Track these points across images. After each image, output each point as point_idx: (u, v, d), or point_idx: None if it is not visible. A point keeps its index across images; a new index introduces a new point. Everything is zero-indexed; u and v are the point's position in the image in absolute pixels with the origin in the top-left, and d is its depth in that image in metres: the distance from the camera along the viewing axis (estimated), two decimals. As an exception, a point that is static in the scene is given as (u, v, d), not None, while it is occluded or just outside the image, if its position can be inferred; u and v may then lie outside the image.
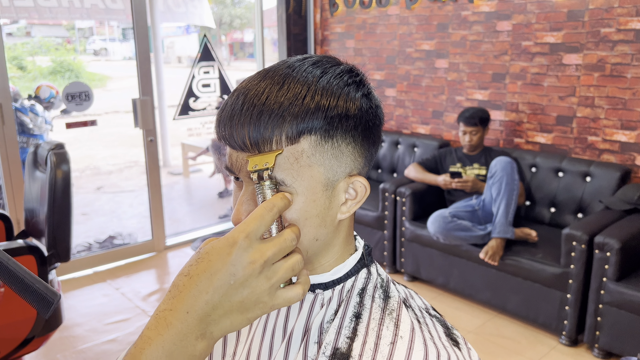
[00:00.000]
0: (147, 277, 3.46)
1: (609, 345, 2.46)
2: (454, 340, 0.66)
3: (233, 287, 0.49)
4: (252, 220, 0.51)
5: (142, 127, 3.60)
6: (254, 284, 0.50)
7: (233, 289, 0.49)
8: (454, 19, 3.57)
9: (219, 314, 0.50)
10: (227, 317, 0.50)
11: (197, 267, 0.50)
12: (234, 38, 16.07)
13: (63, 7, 4.23)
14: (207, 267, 0.49)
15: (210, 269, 0.49)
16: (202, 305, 0.49)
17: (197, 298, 0.49)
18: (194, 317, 0.49)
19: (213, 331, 0.50)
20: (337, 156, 0.62)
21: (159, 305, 0.51)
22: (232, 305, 0.50)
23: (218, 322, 0.50)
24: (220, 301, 0.49)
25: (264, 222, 0.52)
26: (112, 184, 6.10)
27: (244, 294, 0.50)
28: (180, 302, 0.49)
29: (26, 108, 4.53)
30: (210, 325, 0.50)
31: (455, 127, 3.67)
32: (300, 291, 0.53)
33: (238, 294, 0.50)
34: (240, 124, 0.59)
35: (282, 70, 0.62)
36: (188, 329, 0.48)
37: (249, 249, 0.50)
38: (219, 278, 0.49)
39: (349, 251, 0.71)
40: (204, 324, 0.49)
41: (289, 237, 0.53)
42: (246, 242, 0.50)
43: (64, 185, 2.10)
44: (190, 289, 0.49)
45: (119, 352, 2.57)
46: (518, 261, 2.74)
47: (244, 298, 0.50)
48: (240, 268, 0.49)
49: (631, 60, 2.84)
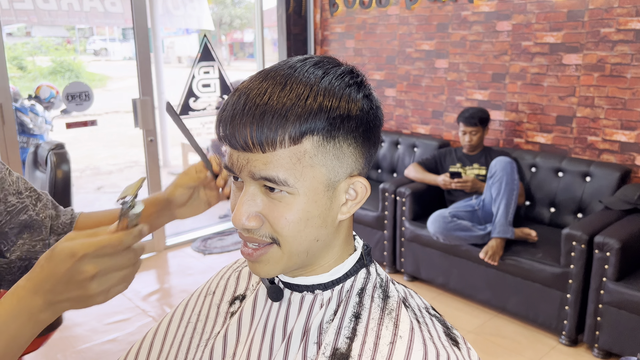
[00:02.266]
0: (147, 277, 3.46)
1: (609, 345, 2.46)
2: (453, 339, 0.66)
3: (69, 284, 0.61)
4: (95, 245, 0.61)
5: (142, 127, 3.60)
6: (86, 287, 0.61)
7: (69, 286, 0.61)
8: (454, 19, 3.57)
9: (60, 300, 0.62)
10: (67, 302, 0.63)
11: (47, 264, 0.62)
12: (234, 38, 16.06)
13: (62, 10, 4.23)
14: (52, 267, 0.61)
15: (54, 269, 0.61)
16: (46, 292, 0.62)
17: (42, 285, 0.62)
18: (40, 297, 0.62)
19: (55, 309, 0.63)
20: (339, 157, 0.62)
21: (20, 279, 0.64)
22: (70, 297, 0.62)
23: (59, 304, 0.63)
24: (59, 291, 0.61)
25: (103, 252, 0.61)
26: (112, 184, 6.10)
27: (78, 293, 0.62)
28: (32, 284, 0.62)
29: (26, 108, 4.54)
30: (52, 305, 0.62)
31: (455, 127, 3.67)
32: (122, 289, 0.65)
33: (73, 291, 0.62)
34: (242, 124, 0.59)
35: (284, 70, 0.62)
36: (34, 305, 0.62)
37: (83, 263, 0.60)
38: (59, 278, 0.61)
39: (348, 251, 0.71)
40: (47, 304, 0.62)
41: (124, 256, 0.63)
42: (83, 258, 0.60)
43: (64, 185, 2.10)
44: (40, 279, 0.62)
45: (119, 352, 2.57)
46: (518, 261, 2.74)
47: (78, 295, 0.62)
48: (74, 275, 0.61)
49: (631, 60, 2.84)
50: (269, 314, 0.72)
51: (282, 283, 0.72)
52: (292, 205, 0.62)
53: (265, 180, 0.61)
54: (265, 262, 0.65)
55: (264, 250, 0.65)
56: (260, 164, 0.60)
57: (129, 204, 0.64)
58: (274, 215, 0.62)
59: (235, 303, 0.78)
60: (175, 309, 0.83)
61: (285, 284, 0.71)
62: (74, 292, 0.62)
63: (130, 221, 0.64)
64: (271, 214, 0.63)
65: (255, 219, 0.63)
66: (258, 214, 0.63)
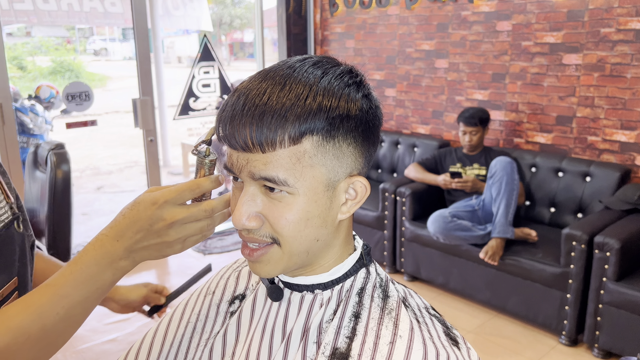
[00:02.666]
0: (147, 277, 3.46)
1: (609, 345, 2.46)
2: (453, 339, 0.66)
3: (149, 233, 0.65)
4: (175, 191, 0.65)
5: (142, 127, 3.60)
6: (164, 235, 0.65)
7: (149, 235, 0.65)
8: (454, 19, 3.57)
9: (139, 247, 0.65)
10: (145, 251, 0.66)
11: (130, 212, 0.65)
12: (234, 38, 16.07)
13: (62, 10, 4.23)
14: (134, 215, 0.65)
15: (135, 217, 0.65)
16: (127, 239, 0.65)
17: (124, 233, 0.65)
18: (122, 244, 0.65)
19: (135, 257, 0.66)
20: (339, 156, 0.62)
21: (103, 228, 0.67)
22: (149, 245, 0.65)
23: (138, 252, 0.66)
24: (140, 240, 0.65)
25: (183, 197, 0.65)
26: (112, 184, 6.10)
27: (157, 240, 0.65)
28: (114, 231, 0.65)
29: (26, 108, 4.54)
30: (132, 253, 0.65)
31: (455, 127, 3.67)
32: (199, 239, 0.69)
33: (152, 239, 0.65)
34: (242, 124, 0.59)
35: (283, 70, 0.62)
36: (115, 252, 0.65)
37: (164, 210, 0.64)
38: (141, 225, 0.64)
39: (348, 251, 0.71)
40: (127, 252, 0.65)
41: (201, 209, 0.66)
42: (164, 205, 0.64)
43: (64, 185, 2.10)
44: (122, 226, 0.65)
45: (119, 352, 2.57)
46: (518, 261, 2.74)
47: (157, 243, 0.65)
48: (155, 222, 0.64)
49: (631, 60, 2.84)
50: (268, 313, 0.72)
51: (282, 283, 0.72)
52: (292, 205, 0.62)
53: (265, 180, 0.61)
54: (266, 262, 0.65)
55: (264, 250, 0.65)
56: (260, 164, 0.60)
57: (204, 153, 0.68)
58: (274, 215, 0.62)
59: (235, 303, 0.78)
60: (175, 309, 0.83)
61: (285, 283, 0.71)
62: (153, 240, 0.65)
63: (206, 169, 0.68)
64: (271, 214, 0.63)
65: (256, 219, 0.63)
66: (258, 214, 0.63)
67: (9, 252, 0.81)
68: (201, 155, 0.68)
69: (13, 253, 0.82)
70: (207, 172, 0.68)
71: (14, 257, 0.83)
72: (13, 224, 0.83)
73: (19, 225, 0.85)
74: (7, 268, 0.81)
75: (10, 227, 0.82)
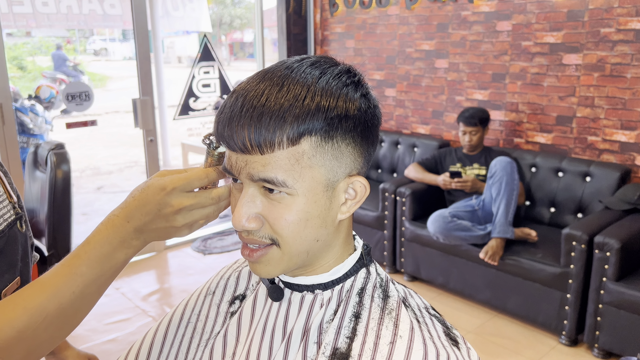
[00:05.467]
0: (147, 277, 3.46)
1: (609, 345, 2.46)
2: (453, 339, 0.66)
3: (157, 217, 0.66)
4: (184, 179, 0.67)
5: (142, 127, 3.60)
6: (171, 220, 0.67)
7: (157, 218, 0.66)
8: (454, 19, 3.57)
9: (148, 229, 0.67)
10: (154, 232, 0.68)
11: (139, 195, 0.67)
12: (234, 38, 16.06)
13: (61, 13, 4.23)
14: (144, 198, 0.66)
15: (144, 200, 0.66)
16: (137, 220, 0.66)
17: (134, 214, 0.66)
18: (132, 225, 0.66)
19: (145, 238, 0.68)
20: (337, 157, 0.62)
21: (113, 209, 0.68)
22: (158, 227, 0.67)
23: (147, 233, 0.67)
24: (148, 222, 0.67)
25: (191, 185, 0.67)
26: (112, 184, 6.10)
27: (165, 224, 0.67)
28: (125, 213, 0.67)
29: (26, 108, 4.54)
30: (142, 233, 0.67)
31: (455, 127, 3.67)
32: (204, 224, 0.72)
33: (161, 223, 0.67)
34: (240, 125, 0.59)
35: (281, 71, 0.61)
36: (126, 232, 0.67)
37: (172, 197, 0.66)
38: (150, 209, 0.66)
39: (348, 251, 0.71)
40: (137, 232, 0.67)
41: (208, 196, 0.68)
42: (172, 192, 0.66)
43: (64, 185, 2.10)
44: (132, 208, 0.67)
45: (119, 352, 2.57)
46: (518, 261, 2.74)
47: (165, 227, 0.67)
48: (163, 207, 0.66)
49: (631, 60, 2.84)
50: (268, 313, 0.72)
51: (282, 283, 0.72)
52: (291, 206, 0.62)
53: (264, 181, 0.61)
54: (266, 263, 0.65)
55: (264, 251, 0.65)
56: (259, 166, 0.60)
57: (214, 145, 0.69)
58: (274, 216, 0.62)
59: (235, 303, 0.78)
60: (175, 309, 0.83)
61: (286, 283, 0.71)
62: (161, 224, 0.67)
63: (215, 159, 0.70)
64: (271, 215, 0.62)
65: (255, 220, 0.63)
66: (258, 215, 0.63)
67: (12, 252, 0.81)
68: (212, 147, 0.69)
69: (16, 253, 0.82)
70: (215, 162, 0.70)
71: (17, 256, 0.83)
72: (16, 223, 0.83)
73: (22, 224, 0.85)
74: (11, 268, 0.81)
75: (14, 227, 0.82)
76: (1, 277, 0.80)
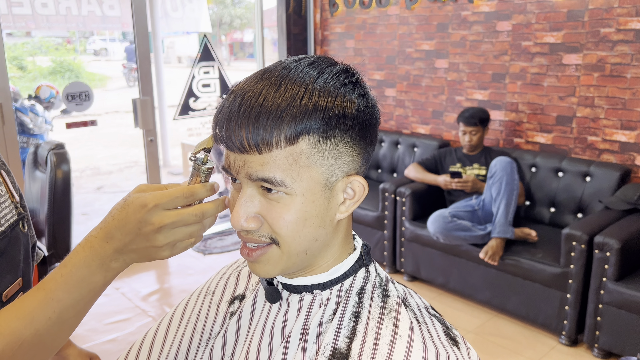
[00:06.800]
0: (147, 277, 3.46)
1: (609, 345, 2.46)
2: (453, 339, 0.66)
3: (137, 236, 0.62)
4: (167, 195, 0.63)
5: (142, 127, 3.60)
6: (152, 239, 0.63)
7: (137, 237, 0.63)
8: (454, 19, 3.57)
9: (128, 249, 0.63)
10: (134, 253, 0.64)
11: (119, 213, 0.63)
12: (234, 38, 16.06)
13: (60, 15, 4.23)
14: (124, 217, 0.63)
15: (125, 219, 0.62)
16: (117, 241, 0.63)
17: (114, 234, 0.63)
18: (111, 246, 0.63)
19: (125, 259, 0.64)
20: (336, 156, 0.62)
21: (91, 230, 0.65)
22: (138, 247, 0.63)
23: (128, 254, 0.64)
24: (129, 242, 0.63)
25: (175, 203, 0.63)
26: (112, 184, 6.10)
27: (145, 244, 0.63)
28: (103, 233, 0.63)
29: (26, 108, 4.54)
30: (122, 254, 0.64)
31: (455, 127, 3.67)
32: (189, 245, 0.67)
33: (141, 242, 0.63)
34: (237, 125, 0.59)
35: (279, 71, 0.62)
36: (105, 254, 0.63)
37: (152, 214, 0.62)
38: (130, 228, 0.62)
39: (347, 251, 0.71)
40: (117, 253, 0.63)
41: (191, 213, 0.64)
42: (153, 209, 0.62)
43: (64, 185, 2.10)
44: (111, 228, 0.63)
45: (119, 352, 2.57)
46: (518, 261, 2.74)
47: (145, 246, 0.63)
48: (143, 225, 0.62)
49: (631, 60, 2.84)
50: (268, 314, 0.72)
51: (280, 284, 0.72)
52: (290, 205, 0.62)
53: (262, 181, 0.61)
54: (265, 262, 0.65)
55: (263, 250, 0.65)
56: (257, 165, 0.60)
57: (201, 160, 0.66)
58: (272, 216, 0.62)
59: (235, 303, 0.78)
60: (175, 309, 0.83)
61: (284, 285, 0.71)
62: (141, 244, 0.63)
63: (203, 176, 0.67)
64: (269, 215, 0.63)
65: (254, 220, 0.63)
66: (256, 214, 0.63)
67: (14, 253, 0.80)
68: (198, 163, 0.66)
69: (18, 253, 0.81)
70: (202, 179, 0.67)
71: (19, 257, 0.81)
72: (18, 224, 0.81)
73: (24, 225, 0.84)
74: (13, 268, 0.80)
75: (16, 228, 0.81)
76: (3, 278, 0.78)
